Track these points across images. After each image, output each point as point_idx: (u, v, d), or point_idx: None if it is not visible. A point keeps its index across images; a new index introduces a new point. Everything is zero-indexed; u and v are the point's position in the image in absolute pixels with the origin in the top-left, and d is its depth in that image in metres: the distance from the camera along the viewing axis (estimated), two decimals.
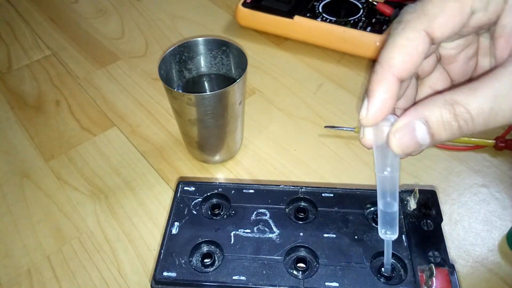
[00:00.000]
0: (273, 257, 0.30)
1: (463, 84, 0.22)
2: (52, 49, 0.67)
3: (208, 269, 0.30)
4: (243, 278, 0.29)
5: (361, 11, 0.62)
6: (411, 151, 0.23)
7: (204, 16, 0.71)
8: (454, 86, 0.27)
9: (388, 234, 0.27)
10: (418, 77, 0.27)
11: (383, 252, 0.30)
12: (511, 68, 0.21)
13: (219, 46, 0.47)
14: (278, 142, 0.52)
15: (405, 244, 0.30)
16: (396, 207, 0.26)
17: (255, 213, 0.33)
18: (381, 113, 0.23)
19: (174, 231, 0.32)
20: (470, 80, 0.24)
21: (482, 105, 0.20)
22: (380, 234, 0.27)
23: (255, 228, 0.32)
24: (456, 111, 0.21)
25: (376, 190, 0.34)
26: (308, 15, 0.62)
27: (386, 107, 0.23)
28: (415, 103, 0.23)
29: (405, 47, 0.22)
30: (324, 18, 0.61)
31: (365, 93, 0.24)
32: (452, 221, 0.44)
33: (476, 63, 0.27)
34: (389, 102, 0.23)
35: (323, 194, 0.34)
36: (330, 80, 0.59)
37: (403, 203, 0.33)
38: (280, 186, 0.35)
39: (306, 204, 0.34)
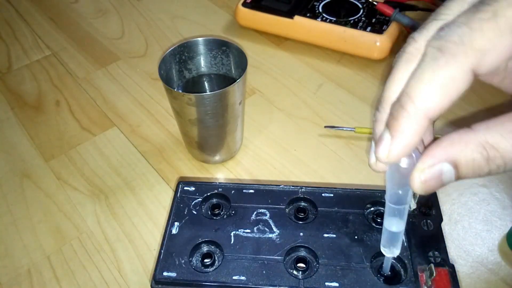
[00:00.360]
0: (273, 257, 0.30)
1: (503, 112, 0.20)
2: (52, 49, 0.67)
3: (208, 269, 0.30)
4: (243, 278, 0.29)
5: (361, 11, 0.62)
6: (432, 191, 0.21)
7: (204, 16, 0.71)
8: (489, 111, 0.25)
9: (389, 253, 0.27)
10: None
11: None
12: None
13: (219, 46, 0.47)
14: (278, 142, 0.52)
15: (405, 244, 0.30)
16: (403, 231, 0.26)
17: (255, 213, 0.33)
18: (404, 154, 0.21)
19: (174, 231, 0.32)
20: None
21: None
22: (382, 250, 0.27)
23: (255, 228, 0.32)
24: (490, 155, 0.19)
25: (375, 190, 0.34)
26: (308, 15, 0.62)
27: (410, 148, 0.21)
28: (436, 137, 0.21)
29: (447, 88, 0.19)
30: (324, 18, 0.61)
31: (387, 127, 0.21)
32: (452, 221, 0.44)
33: None
34: (415, 144, 0.21)
35: (323, 194, 0.34)
36: (330, 80, 0.59)
37: None
38: (280, 186, 0.35)
39: (306, 204, 0.34)
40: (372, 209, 0.33)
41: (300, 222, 0.32)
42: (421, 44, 0.21)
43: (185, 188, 0.35)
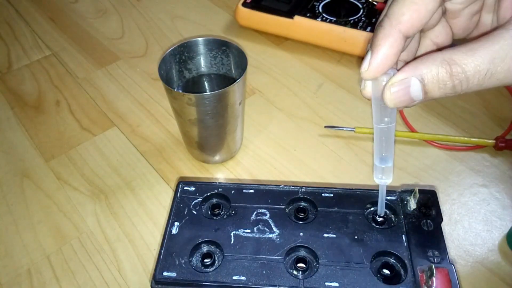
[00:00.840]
0: (273, 257, 0.30)
1: (463, 41, 0.22)
2: (52, 49, 0.67)
3: (208, 269, 0.30)
4: (243, 278, 0.29)
5: (361, 11, 0.62)
6: (403, 105, 0.23)
7: (204, 16, 0.71)
8: (454, 41, 0.27)
9: (383, 179, 0.29)
10: (421, 30, 0.27)
11: (383, 252, 0.30)
12: (511, 30, 0.21)
13: (219, 46, 0.47)
14: (278, 142, 0.52)
15: (405, 244, 0.30)
16: (391, 162, 0.28)
17: (255, 213, 0.33)
18: (383, 68, 0.23)
19: (174, 231, 0.32)
20: (470, 37, 0.25)
21: (478, 66, 0.21)
22: (375, 180, 0.29)
23: (255, 228, 0.32)
24: (453, 71, 0.21)
25: (375, 190, 0.34)
26: (308, 15, 0.62)
27: (388, 62, 0.23)
28: (416, 57, 0.24)
29: (415, 3, 0.22)
30: (324, 18, 0.61)
31: (369, 46, 0.24)
32: (452, 221, 0.44)
33: (479, 20, 0.27)
34: (392, 58, 0.23)
35: (323, 194, 0.34)
36: (330, 80, 0.59)
37: (403, 203, 0.33)
38: (280, 186, 0.35)
39: (306, 204, 0.34)
40: (372, 209, 0.33)
41: (300, 222, 0.32)
42: None
43: (185, 188, 0.35)
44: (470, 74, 0.21)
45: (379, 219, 0.32)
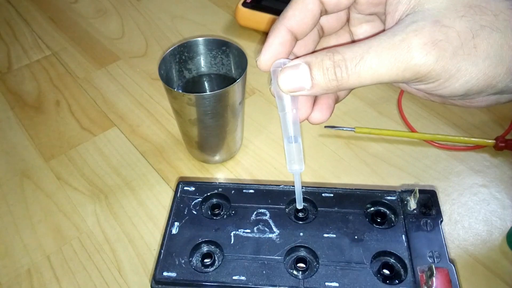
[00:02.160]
0: (273, 257, 0.30)
1: None
2: (52, 49, 0.67)
3: (208, 269, 0.30)
4: (243, 278, 0.29)
5: None
6: (294, 89, 0.25)
7: (204, 16, 0.71)
8: None
9: (296, 168, 0.29)
10: (323, 33, 0.30)
11: (383, 252, 0.30)
12: (389, 30, 0.23)
13: (219, 46, 0.47)
14: (278, 142, 0.52)
15: (405, 244, 0.30)
16: (297, 140, 0.29)
17: (255, 213, 0.33)
18: (270, 58, 0.27)
19: (174, 231, 0.32)
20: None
21: (355, 53, 0.23)
22: (289, 170, 0.30)
23: (255, 228, 0.32)
24: (335, 58, 0.24)
25: (375, 190, 0.34)
26: None
27: (275, 53, 0.27)
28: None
29: (298, 3, 0.27)
30: None
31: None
32: (452, 221, 0.44)
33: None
34: (279, 49, 0.27)
35: (323, 194, 0.34)
36: None
37: (403, 203, 0.33)
38: (280, 186, 0.35)
39: (306, 204, 0.34)
40: (372, 209, 0.33)
41: (300, 222, 0.32)
42: None
43: (185, 188, 0.35)
44: (347, 57, 0.23)
45: (301, 215, 0.32)
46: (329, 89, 0.24)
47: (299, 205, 0.32)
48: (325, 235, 0.31)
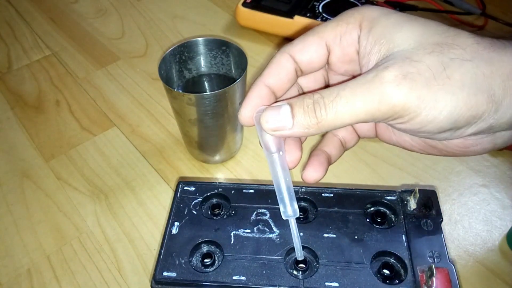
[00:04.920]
0: (273, 257, 0.30)
1: None
2: (52, 49, 0.67)
3: (208, 269, 0.30)
4: (243, 278, 0.29)
5: None
6: (275, 127, 0.26)
7: (204, 16, 0.71)
8: None
9: (290, 214, 0.28)
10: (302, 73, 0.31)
11: (383, 252, 0.30)
12: (366, 73, 0.24)
13: (219, 46, 0.47)
14: None
15: (405, 244, 0.30)
16: (289, 184, 0.29)
17: (255, 213, 0.33)
18: (251, 111, 0.28)
19: (174, 231, 0.32)
20: None
21: (331, 91, 0.24)
22: (283, 216, 0.29)
23: (255, 228, 0.32)
24: (315, 97, 0.25)
25: (375, 190, 0.34)
26: (308, 15, 0.62)
27: (255, 106, 0.28)
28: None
29: (277, 66, 0.28)
30: (324, 18, 0.61)
31: None
32: (452, 221, 0.44)
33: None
34: (259, 102, 0.28)
35: (323, 194, 0.34)
36: None
37: (403, 203, 0.33)
38: None
39: (306, 204, 0.34)
40: (372, 209, 0.33)
41: (300, 222, 0.32)
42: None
43: (185, 188, 0.35)
44: (325, 95, 0.24)
45: (301, 266, 0.30)
46: (310, 127, 0.25)
47: (300, 255, 0.29)
48: (325, 235, 0.31)
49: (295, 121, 0.25)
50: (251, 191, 0.34)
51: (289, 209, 0.28)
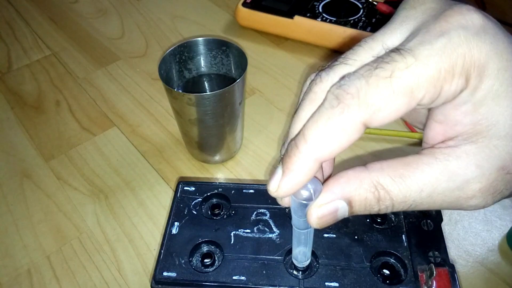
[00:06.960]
0: (273, 257, 0.30)
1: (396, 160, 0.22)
2: (52, 49, 0.67)
3: (208, 269, 0.30)
4: (243, 278, 0.29)
5: (361, 11, 0.62)
6: (327, 225, 0.23)
7: (204, 16, 0.71)
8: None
9: (298, 264, 0.29)
10: None
11: (383, 252, 0.30)
12: (440, 162, 0.21)
13: (219, 46, 0.47)
14: (278, 142, 0.52)
15: (405, 244, 0.30)
16: (307, 261, 0.29)
17: (255, 213, 0.33)
18: (291, 191, 0.22)
19: (174, 231, 0.32)
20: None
21: (406, 198, 0.21)
22: (293, 261, 0.29)
23: (255, 228, 0.32)
24: (380, 196, 0.21)
25: None
26: (308, 15, 0.62)
27: (298, 186, 0.22)
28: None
29: (338, 136, 0.21)
30: (324, 18, 0.61)
31: (280, 163, 0.22)
32: (452, 221, 0.44)
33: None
34: (303, 183, 0.22)
35: None
36: None
37: None
38: None
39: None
40: None
41: None
42: (326, 85, 0.22)
43: (185, 188, 0.35)
44: (396, 202, 0.21)
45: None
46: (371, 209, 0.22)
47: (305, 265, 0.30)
48: (325, 235, 0.31)
49: (352, 213, 0.22)
50: (251, 191, 0.34)
51: (303, 263, 0.29)
